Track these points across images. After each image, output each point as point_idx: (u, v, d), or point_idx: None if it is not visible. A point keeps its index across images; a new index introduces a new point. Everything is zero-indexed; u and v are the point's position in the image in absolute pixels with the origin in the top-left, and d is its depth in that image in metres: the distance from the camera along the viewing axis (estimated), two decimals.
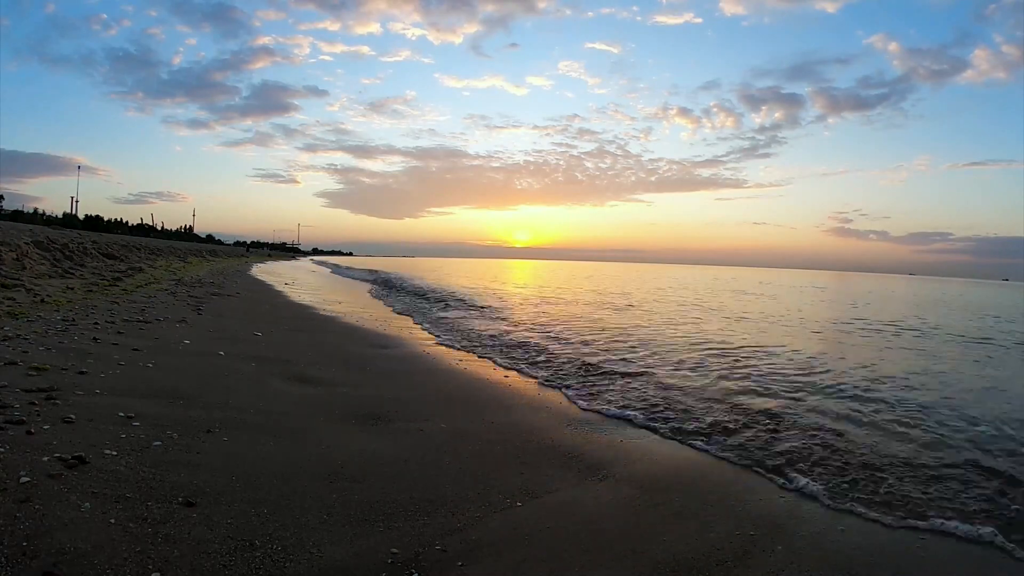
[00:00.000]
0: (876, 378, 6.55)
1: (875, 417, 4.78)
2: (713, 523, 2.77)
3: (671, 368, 6.66)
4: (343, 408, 4.31)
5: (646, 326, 10.92)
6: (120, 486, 2.55)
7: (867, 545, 2.65)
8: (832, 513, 2.99)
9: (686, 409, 4.87)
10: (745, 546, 2.55)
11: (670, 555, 2.44)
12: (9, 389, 3.59)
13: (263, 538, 2.30)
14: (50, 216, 43.20)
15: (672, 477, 3.38)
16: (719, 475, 3.49)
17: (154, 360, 5.02)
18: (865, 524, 2.89)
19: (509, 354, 7.42)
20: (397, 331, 9.18)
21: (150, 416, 3.54)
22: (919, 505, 3.11)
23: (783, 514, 2.93)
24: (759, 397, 5.38)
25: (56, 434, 2.99)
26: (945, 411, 5.10)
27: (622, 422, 4.52)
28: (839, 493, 3.22)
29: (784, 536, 2.67)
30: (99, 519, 2.25)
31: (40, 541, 2.04)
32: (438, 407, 4.55)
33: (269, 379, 4.99)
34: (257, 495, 2.68)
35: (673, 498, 3.05)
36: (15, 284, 8.30)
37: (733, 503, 3.04)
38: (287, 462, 3.13)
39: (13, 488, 2.37)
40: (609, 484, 3.21)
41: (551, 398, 5.26)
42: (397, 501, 2.76)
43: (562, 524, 2.67)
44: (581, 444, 3.89)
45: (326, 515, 2.56)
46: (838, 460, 3.73)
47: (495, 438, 3.87)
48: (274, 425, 3.74)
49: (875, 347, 9.43)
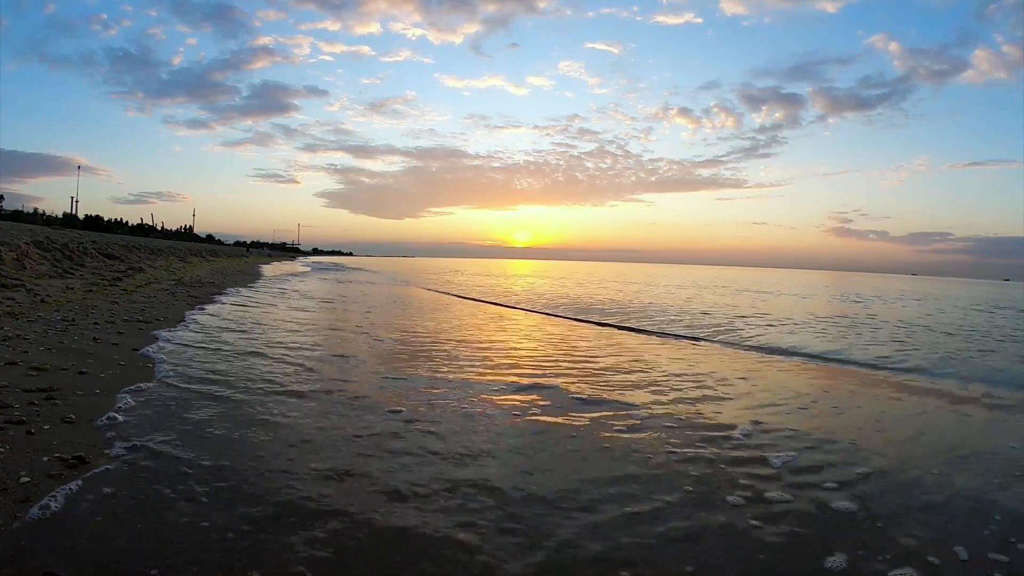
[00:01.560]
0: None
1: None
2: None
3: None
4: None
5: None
6: (120, 486, 2.55)
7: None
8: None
9: None
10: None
11: None
12: (9, 389, 3.59)
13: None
14: (50, 216, 43.24)
15: None
16: None
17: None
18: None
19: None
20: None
21: (150, 416, 3.54)
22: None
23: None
24: None
25: (56, 434, 3.00)
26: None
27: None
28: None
29: None
30: (99, 519, 2.25)
31: (40, 541, 2.04)
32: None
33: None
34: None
35: None
36: (15, 284, 8.30)
37: None
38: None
39: (13, 488, 2.37)
40: None
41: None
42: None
43: None
44: None
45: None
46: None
47: None
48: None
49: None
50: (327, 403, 4.20)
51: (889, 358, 7.60)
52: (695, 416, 4.27)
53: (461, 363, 6.04)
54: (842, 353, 7.92)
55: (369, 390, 4.67)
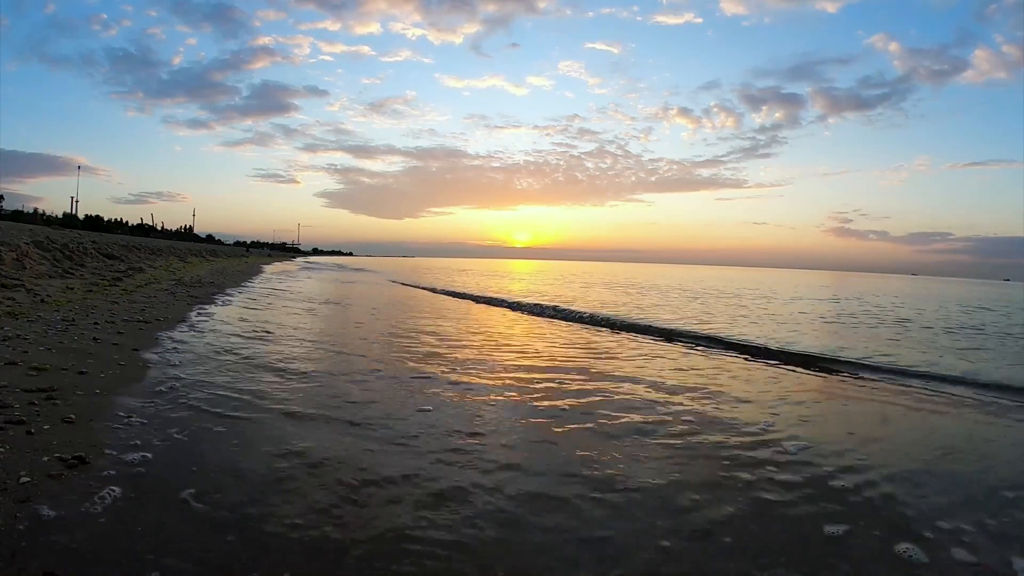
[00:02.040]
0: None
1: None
2: None
3: None
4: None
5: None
6: (120, 486, 2.54)
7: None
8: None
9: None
10: None
11: None
12: (9, 389, 3.58)
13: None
14: (50, 216, 43.25)
15: None
16: None
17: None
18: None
19: None
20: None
21: (150, 416, 3.53)
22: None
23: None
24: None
25: (56, 434, 2.99)
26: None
27: None
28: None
29: None
30: (99, 519, 2.24)
31: (40, 541, 2.03)
32: None
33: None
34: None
35: None
36: (15, 284, 8.29)
37: None
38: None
39: (13, 488, 2.36)
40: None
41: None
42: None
43: None
44: None
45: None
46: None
47: None
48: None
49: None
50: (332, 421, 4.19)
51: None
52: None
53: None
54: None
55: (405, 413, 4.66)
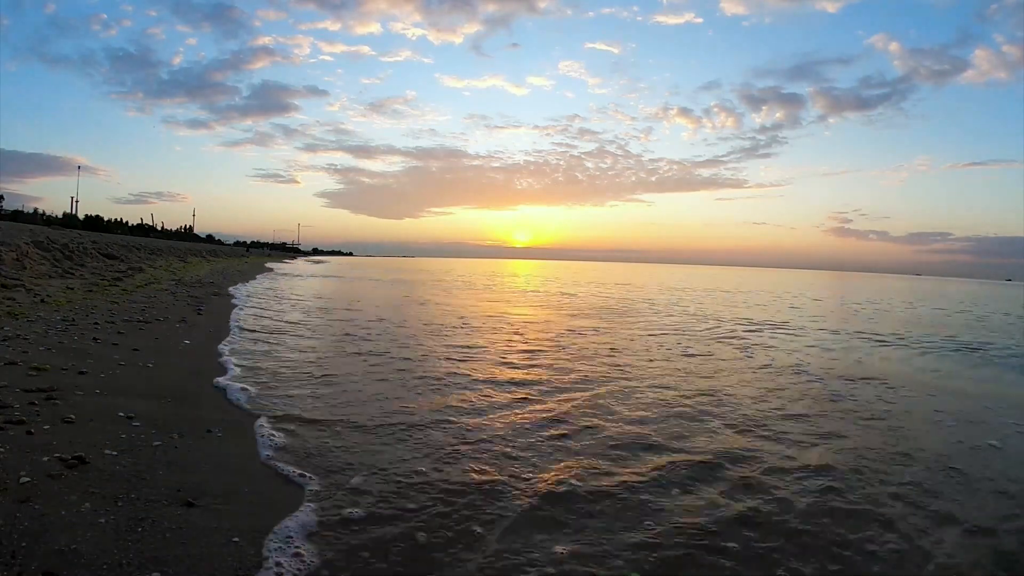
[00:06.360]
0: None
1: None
2: None
3: None
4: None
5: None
6: (120, 486, 2.54)
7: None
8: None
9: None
10: None
11: None
12: (9, 389, 3.58)
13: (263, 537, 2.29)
14: (50, 216, 43.18)
15: None
16: None
17: (154, 360, 5.03)
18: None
19: None
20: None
21: (150, 416, 3.54)
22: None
23: None
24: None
25: (56, 434, 2.99)
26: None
27: None
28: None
29: None
30: (99, 519, 2.24)
31: (40, 541, 2.04)
32: None
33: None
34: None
35: None
36: (15, 284, 8.30)
37: None
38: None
39: (13, 488, 2.36)
40: None
41: None
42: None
43: None
44: None
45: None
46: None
47: None
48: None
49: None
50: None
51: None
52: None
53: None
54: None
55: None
